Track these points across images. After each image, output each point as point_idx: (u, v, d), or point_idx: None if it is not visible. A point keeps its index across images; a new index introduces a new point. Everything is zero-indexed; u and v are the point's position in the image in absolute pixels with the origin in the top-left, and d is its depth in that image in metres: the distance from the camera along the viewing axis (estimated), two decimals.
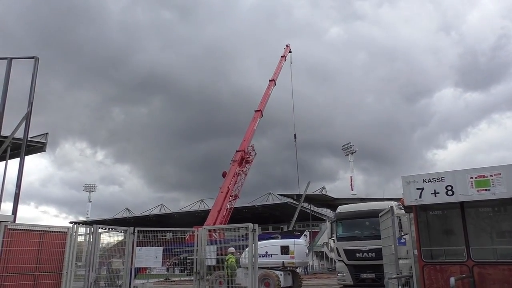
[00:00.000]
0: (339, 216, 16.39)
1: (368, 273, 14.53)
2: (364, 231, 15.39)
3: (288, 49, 39.77)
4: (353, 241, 15.37)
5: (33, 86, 18.21)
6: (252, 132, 35.94)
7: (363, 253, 14.67)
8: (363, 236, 15.26)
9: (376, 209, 13.96)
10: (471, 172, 8.52)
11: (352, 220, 15.96)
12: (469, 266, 8.48)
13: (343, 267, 15.40)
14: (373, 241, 14.10)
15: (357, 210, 16.16)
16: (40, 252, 10.45)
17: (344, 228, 16.12)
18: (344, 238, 15.86)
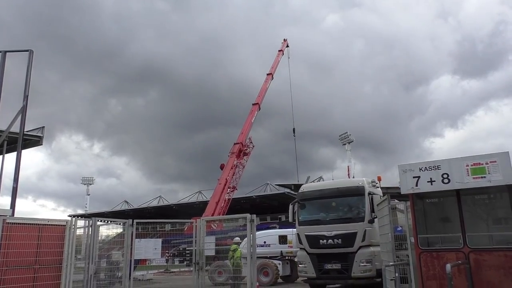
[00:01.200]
0: (302, 196, 13.87)
1: (333, 263, 12.33)
2: (330, 213, 13.25)
3: (285, 43, 39.66)
4: (316, 225, 13.02)
5: (28, 79, 18.10)
6: (250, 125, 35.92)
7: (327, 240, 12.48)
8: (328, 219, 13.04)
9: (344, 187, 13.07)
10: (467, 160, 8.57)
11: (316, 200, 13.68)
12: (465, 252, 8.57)
13: (305, 256, 13.03)
14: (340, 225, 12.48)
15: (323, 188, 13.84)
16: (39, 246, 10.49)
17: (307, 211, 13.69)
18: (307, 222, 13.43)
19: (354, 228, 12.19)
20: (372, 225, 12.10)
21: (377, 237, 11.77)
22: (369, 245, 12.09)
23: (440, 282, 8.67)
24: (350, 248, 12.04)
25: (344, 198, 12.95)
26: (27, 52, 18.53)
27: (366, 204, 12.29)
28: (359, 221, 12.30)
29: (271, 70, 36.95)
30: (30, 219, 11.01)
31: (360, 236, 12.09)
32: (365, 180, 12.92)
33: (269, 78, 36.46)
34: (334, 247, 12.35)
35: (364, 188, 12.43)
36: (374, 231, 11.97)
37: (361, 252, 12.03)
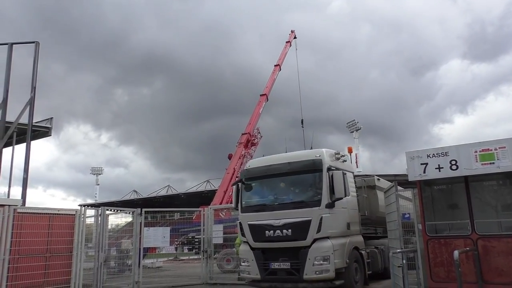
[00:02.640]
0: (246, 174, 10.81)
1: (282, 262, 9.49)
2: (279, 196, 10.22)
3: (293, 34, 39.30)
4: (262, 212, 10.05)
5: (35, 71, 18.22)
6: (258, 115, 35.88)
7: (275, 231, 9.55)
8: (276, 204, 10.03)
9: (297, 161, 9.97)
10: (476, 146, 8.48)
11: (262, 180, 10.55)
12: (473, 239, 8.54)
13: (247, 252, 10.06)
14: (289, 212, 9.57)
15: (271, 164, 10.49)
16: (50, 234, 10.68)
17: (252, 193, 10.66)
18: (250, 207, 10.42)
19: (307, 214, 9.29)
20: (332, 211, 9.37)
21: (340, 226, 9.67)
22: (327, 237, 9.23)
23: (447, 268, 8.67)
24: (302, 242, 9.24)
25: (297, 175, 9.97)
26: (33, 44, 18.61)
27: (324, 182, 9.39)
28: (314, 205, 9.36)
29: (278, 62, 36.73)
30: (41, 209, 11.19)
31: (314, 226, 9.17)
32: (325, 151, 10.00)
33: (277, 70, 36.27)
34: (283, 240, 9.46)
35: (321, 161, 9.56)
36: (334, 218, 9.43)
37: (315, 247, 9.13)
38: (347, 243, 9.79)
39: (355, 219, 10.83)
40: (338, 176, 9.44)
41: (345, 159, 10.97)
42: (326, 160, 9.81)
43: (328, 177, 9.47)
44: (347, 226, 10.10)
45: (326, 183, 9.43)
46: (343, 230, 9.90)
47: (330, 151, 10.41)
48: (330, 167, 9.68)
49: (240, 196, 10.72)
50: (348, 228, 10.14)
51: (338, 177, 9.43)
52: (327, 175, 9.50)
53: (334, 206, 9.39)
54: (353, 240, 10.21)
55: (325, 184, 9.41)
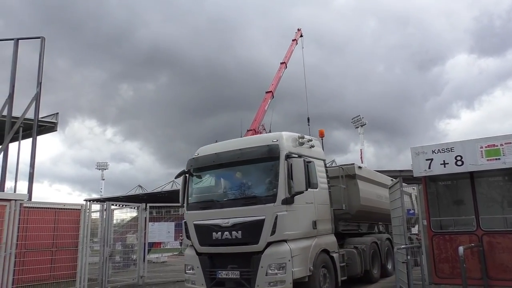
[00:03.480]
0: (193, 164, 9.07)
1: (231, 270, 7.94)
2: (229, 190, 8.72)
3: (299, 33, 39.18)
4: (209, 209, 8.45)
5: (41, 66, 18.28)
6: (263, 112, 35.87)
7: (223, 232, 7.97)
8: (225, 200, 8.47)
9: (250, 147, 8.36)
10: (481, 142, 8.43)
11: (211, 171, 8.93)
12: (479, 235, 8.51)
13: (193, 258, 8.52)
14: (239, 209, 7.98)
15: (221, 151, 8.78)
16: (56, 229, 10.77)
17: (199, 187, 9.08)
18: (197, 204, 8.80)
19: (260, 213, 7.68)
20: (291, 208, 7.75)
21: (302, 225, 8.09)
22: (284, 240, 7.64)
23: (452, 264, 8.65)
24: (254, 246, 7.62)
25: (249, 164, 8.24)
26: (39, 39, 18.67)
27: (281, 173, 7.75)
28: (268, 201, 7.72)
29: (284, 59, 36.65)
30: (47, 203, 11.28)
31: (268, 226, 7.57)
32: (284, 135, 8.38)
33: (283, 67, 36.21)
34: (232, 243, 7.90)
35: (278, 148, 7.88)
36: (294, 216, 7.82)
37: (269, 253, 7.54)
38: (313, 246, 8.16)
39: (325, 215, 9.06)
40: (298, 164, 7.75)
41: (313, 144, 9.19)
42: (285, 145, 8.12)
43: (286, 166, 7.79)
44: (312, 225, 8.42)
45: (283, 173, 7.73)
46: (307, 230, 8.25)
47: (292, 134, 8.71)
48: (290, 154, 7.98)
49: (186, 190, 9.04)
50: (315, 228, 8.46)
51: (298, 166, 7.73)
52: (285, 164, 7.81)
53: (293, 202, 7.72)
54: (321, 242, 8.54)
55: (283, 175, 7.72)
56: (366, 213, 11.20)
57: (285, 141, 8.24)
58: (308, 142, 9.00)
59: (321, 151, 9.77)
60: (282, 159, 7.89)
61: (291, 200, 7.77)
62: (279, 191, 7.74)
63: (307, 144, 8.98)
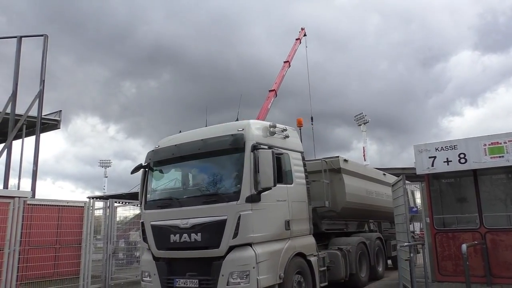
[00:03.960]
0: (152, 157, 8.09)
1: (189, 278, 6.94)
2: (189, 186, 7.80)
3: (303, 32, 39.07)
4: (167, 208, 7.47)
5: (44, 64, 18.33)
6: (266, 111, 35.80)
7: (181, 235, 7.01)
8: (184, 197, 7.47)
9: (213, 137, 7.33)
10: (485, 139, 8.41)
11: (171, 164, 7.93)
12: (482, 233, 8.50)
13: (149, 263, 7.50)
14: (199, 209, 6.96)
15: (182, 142, 7.79)
16: (59, 226, 10.82)
17: (158, 183, 8.12)
18: (155, 203, 7.82)
19: (221, 212, 6.72)
20: (258, 206, 6.75)
21: (271, 226, 7.06)
22: (249, 244, 6.62)
23: (455, 262, 8.65)
24: (214, 251, 6.64)
25: (212, 157, 7.29)
26: (42, 37, 18.70)
27: (246, 167, 6.79)
28: (231, 199, 6.75)
29: (288, 58, 36.57)
30: (50, 201, 11.32)
31: (230, 228, 6.59)
32: (252, 124, 7.39)
33: (286, 66, 36.11)
34: (191, 247, 6.91)
35: (243, 137, 6.92)
36: (261, 216, 6.81)
37: (231, 258, 6.54)
38: (285, 250, 7.15)
39: (301, 214, 7.99)
40: (266, 157, 6.75)
41: (287, 134, 8.15)
42: (252, 135, 7.08)
43: (252, 159, 6.80)
44: (285, 225, 7.37)
45: (249, 167, 6.76)
46: (278, 231, 7.21)
47: (262, 123, 7.80)
48: (257, 145, 6.97)
49: (145, 187, 8.10)
50: (288, 228, 7.42)
51: (265, 158, 6.73)
52: (251, 156, 6.81)
53: (260, 200, 6.75)
54: (295, 244, 7.52)
55: (248, 168, 6.73)
56: (353, 211, 10.38)
57: (252, 130, 7.22)
58: (282, 132, 8.02)
59: (298, 142, 8.68)
60: (247, 150, 6.86)
61: (257, 198, 6.75)
62: (243, 188, 6.71)
63: (280, 134, 7.97)
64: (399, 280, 8.27)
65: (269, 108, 38.17)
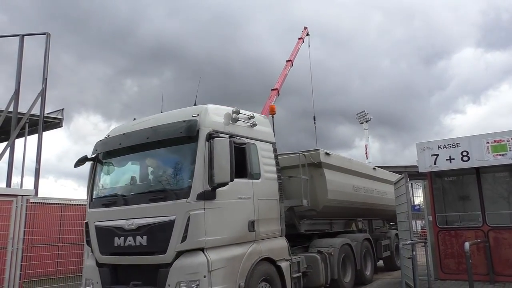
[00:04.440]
0: (99, 148, 7.09)
1: (133, 286, 6.01)
2: (137, 182, 6.75)
3: (305, 31, 39.05)
4: (112, 207, 6.46)
5: (46, 62, 18.34)
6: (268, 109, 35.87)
7: (126, 237, 6.06)
8: (132, 195, 6.48)
9: (164, 124, 6.36)
10: (488, 137, 8.39)
11: (119, 157, 6.92)
12: (485, 231, 8.49)
13: (92, 270, 6.53)
14: (148, 207, 5.98)
15: (131, 131, 6.84)
16: (62, 224, 10.84)
17: (104, 177, 7.11)
18: (100, 200, 6.81)
19: (169, 211, 5.78)
20: (212, 204, 5.81)
21: (230, 227, 6.07)
22: (201, 249, 5.65)
23: (458, 260, 8.64)
24: (160, 256, 5.71)
25: (162, 147, 6.31)
26: (44, 35, 18.72)
27: (199, 158, 5.84)
28: (180, 196, 5.79)
29: (290, 57, 36.55)
30: (53, 199, 11.33)
31: (179, 229, 5.64)
32: (210, 109, 6.36)
33: (289, 65, 36.10)
34: (136, 252, 5.98)
35: (197, 124, 5.95)
36: (216, 216, 5.86)
37: (178, 266, 5.59)
38: (247, 255, 6.18)
39: (270, 214, 6.96)
40: (222, 146, 5.78)
41: (255, 122, 7.05)
42: (208, 121, 6.10)
43: (207, 149, 5.86)
44: (249, 226, 6.35)
45: (202, 159, 5.80)
46: (239, 233, 6.21)
47: (222, 108, 6.63)
48: (214, 133, 6.00)
49: (91, 182, 7.12)
50: (252, 230, 6.41)
51: (221, 148, 5.77)
52: (206, 146, 5.86)
53: (215, 197, 5.80)
54: (261, 248, 6.52)
55: (201, 160, 5.78)
56: (338, 209, 9.45)
57: (210, 116, 6.20)
58: (248, 120, 6.92)
59: (268, 131, 7.51)
60: (201, 139, 5.89)
61: (211, 195, 5.77)
62: (195, 183, 5.71)
63: (246, 121, 6.88)
64: (401, 279, 8.25)
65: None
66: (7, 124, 17.88)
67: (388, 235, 12.36)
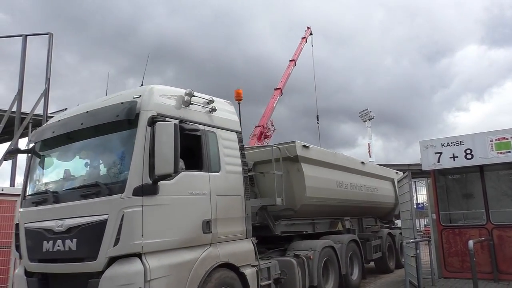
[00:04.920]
0: (34, 137, 6.28)
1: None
2: (68, 175, 5.79)
3: (309, 31, 39.10)
4: (42, 205, 5.47)
5: (49, 62, 18.38)
6: (272, 109, 35.94)
7: (55, 241, 4.98)
8: (62, 191, 5.49)
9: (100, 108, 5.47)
10: (491, 135, 8.36)
11: (54, 147, 6.06)
12: (489, 229, 8.47)
13: (21, 280, 5.47)
14: (78, 205, 5.00)
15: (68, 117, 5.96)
16: None
17: (38, 171, 6.18)
18: (31, 198, 5.88)
19: (100, 210, 4.87)
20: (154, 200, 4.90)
21: (176, 229, 5.09)
22: (137, 255, 4.69)
23: (462, 258, 8.62)
24: (90, 264, 4.76)
25: (99, 134, 5.40)
26: (47, 35, 18.79)
27: (138, 146, 4.94)
28: (114, 191, 4.88)
29: (293, 57, 36.61)
30: None
31: (111, 232, 4.71)
32: (156, 89, 5.42)
33: (292, 65, 36.16)
34: (64, 259, 5.02)
35: (136, 107, 5.02)
36: (157, 215, 4.93)
37: (110, 275, 4.61)
38: (200, 260, 5.24)
39: (231, 212, 5.97)
40: (164, 131, 4.85)
41: (214, 107, 6.02)
42: (152, 103, 5.13)
43: (148, 135, 4.95)
44: (203, 227, 5.37)
45: (142, 146, 4.91)
46: (190, 235, 5.23)
47: (172, 90, 5.64)
48: (158, 117, 5.04)
49: (26, 177, 6.24)
50: (208, 231, 5.42)
51: (163, 133, 4.84)
52: (146, 132, 4.95)
53: (156, 192, 4.89)
54: (219, 252, 5.55)
55: (140, 148, 4.90)
56: (319, 208, 8.53)
57: (154, 98, 5.19)
58: (207, 105, 5.89)
59: (232, 119, 6.44)
60: (142, 123, 4.94)
61: (151, 189, 4.82)
62: (131, 175, 4.77)
63: (204, 106, 5.84)
64: (405, 277, 8.24)
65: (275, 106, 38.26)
66: (10, 124, 17.94)
67: (379, 234, 11.33)
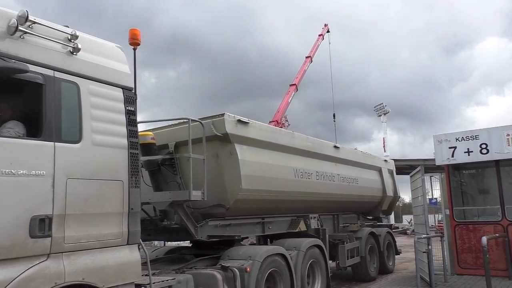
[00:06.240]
0: None
1: None
2: None
3: (326, 28, 38.92)
4: None
5: None
6: (286, 104, 35.93)
7: None
8: None
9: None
10: (508, 129, 8.17)
11: None
12: (504, 225, 8.29)
13: None
14: None
15: None
16: None
17: None
18: None
19: None
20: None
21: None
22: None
23: (475, 255, 8.47)
24: None
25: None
26: None
27: None
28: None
29: (310, 54, 36.48)
30: None
31: None
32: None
33: (308, 61, 36.02)
34: None
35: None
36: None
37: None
38: (15, 283, 3.02)
39: (100, 206, 3.79)
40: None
41: (77, 46, 3.77)
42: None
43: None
44: (33, 227, 3.22)
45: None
46: (5, 241, 3.06)
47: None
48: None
49: None
50: (44, 234, 3.31)
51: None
52: None
53: None
54: (66, 268, 3.41)
55: None
56: (265, 204, 6.46)
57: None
58: (66, 41, 3.71)
59: (116, 68, 4.24)
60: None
61: None
62: None
63: (58, 42, 3.66)
64: (416, 273, 8.12)
65: (289, 102, 38.19)
66: None
67: (358, 235, 8.90)
